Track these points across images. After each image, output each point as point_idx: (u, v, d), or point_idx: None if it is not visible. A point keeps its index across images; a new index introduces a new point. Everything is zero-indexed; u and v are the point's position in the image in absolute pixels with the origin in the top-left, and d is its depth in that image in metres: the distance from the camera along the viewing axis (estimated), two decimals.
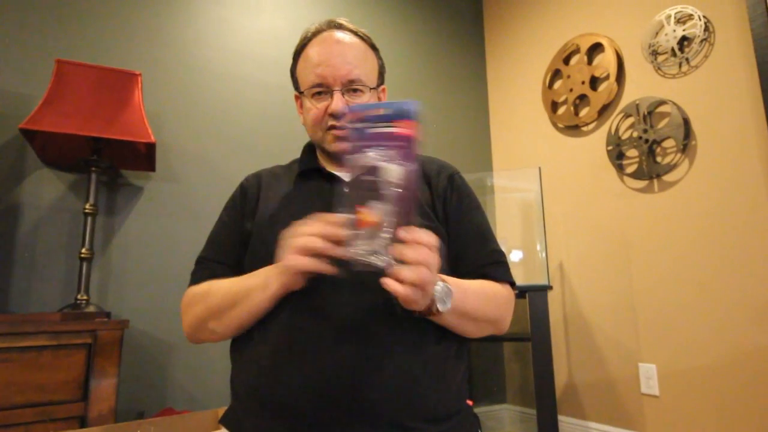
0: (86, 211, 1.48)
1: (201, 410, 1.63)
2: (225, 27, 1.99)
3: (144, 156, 1.64)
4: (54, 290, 1.54)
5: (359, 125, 0.60)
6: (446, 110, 2.53)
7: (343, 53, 0.80)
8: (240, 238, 0.83)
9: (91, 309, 1.46)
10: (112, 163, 1.62)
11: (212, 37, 1.95)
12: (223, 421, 0.76)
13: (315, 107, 0.81)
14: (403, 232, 0.57)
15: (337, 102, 0.79)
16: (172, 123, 1.81)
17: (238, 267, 0.82)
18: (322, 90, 0.81)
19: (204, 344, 1.69)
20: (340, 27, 0.84)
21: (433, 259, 0.59)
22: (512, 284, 0.84)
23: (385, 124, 0.59)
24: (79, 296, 1.45)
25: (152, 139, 1.51)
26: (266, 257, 0.73)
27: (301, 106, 0.88)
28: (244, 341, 0.75)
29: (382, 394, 0.64)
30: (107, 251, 1.64)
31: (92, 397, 1.33)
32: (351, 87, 0.81)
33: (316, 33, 0.84)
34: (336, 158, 0.84)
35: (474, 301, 0.73)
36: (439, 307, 0.64)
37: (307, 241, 0.62)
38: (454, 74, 2.61)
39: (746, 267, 1.57)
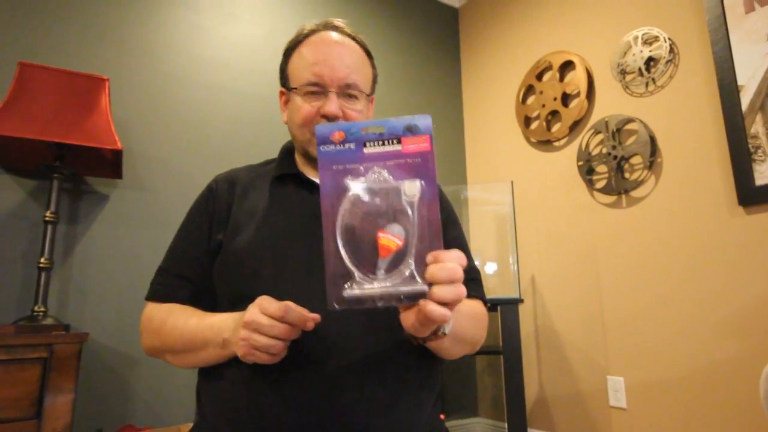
0: (46, 218, 1.43)
1: (163, 427, 1.58)
2: (198, 34, 1.96)
3: (110, 163, 1.59)
4: (9, 301, 1.47)
5: (353, 144, 0.53)
6: None
7: (342, 56, 0.77)
8: (207, 248, 0.77)
9: (49, 321, 1.40)
10: (75, 170, 1.57)
11: (184, 44, 1.92)
12: None
13: (307, 105, 0.77)
14: (432, 256, 0.51)
15: (333, 104, 0.75)
16: (140, 130, 1.77)
17: (200, 280, 0.76)
18: (317, 90, 0.76)
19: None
20: (338, 29, 0.81)
21: (461, 274, 0.52)
22: (485, 302, 0.84)
23: (393, 140, 0.53)
24: (36, 308, 1.39)
25: (119, 145, 1.47)
26: (242, 275, 0.69)
27: (286, 103, 0.84)
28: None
29: (361, 417, 0.62)
30: (68, 261, 1.58)
31: (46, 414, 1.27)
32: (347, 91, 0.77)
33: (314, 31, 0.81)
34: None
35: (466, 323, 0.71)
36: (445, 330, 0.58)
37: (263, 343, 0.57)
38: (430, 88, 2.63)
39: (709, 281, 1.61)
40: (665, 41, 1.79)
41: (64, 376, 1.29)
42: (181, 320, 0.70)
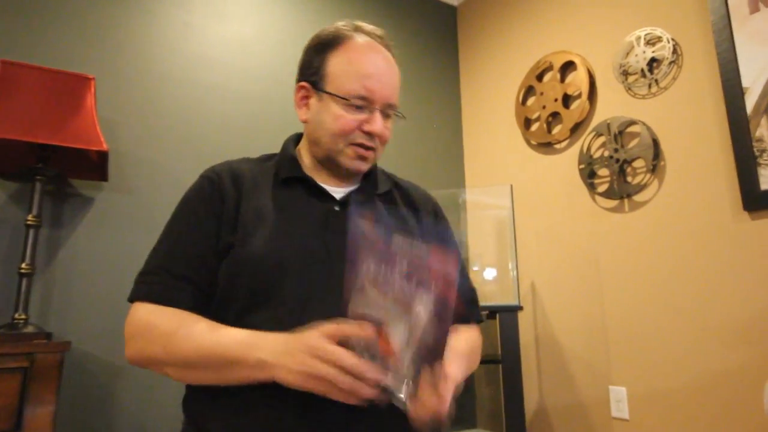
0: (28, 222, 1.38)
1: None
2: (188, 32, 1.91)
3: (95, 164, 1.54)
4: None
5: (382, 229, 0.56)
6: (419, 125, 2.50)
7: (392, 74, 0.78)
8: (215, 248, 0.70)
9: (30, 329, 1.35)
10: (59, 172, 1.52)
11: (174, 42, 1.87)
12: None
13: (350, 117, 0.74)
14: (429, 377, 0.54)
15: (379, 123, 0.75)
16: (127, 131, 1.71)
17: (207, 285, 0.69)
18: (363, 104, 0.75)
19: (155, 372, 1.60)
20: (382, 39, 0.81)
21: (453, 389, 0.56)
22: (481, 321, 0.85)
23: (425, 247, 0.54)
24: (16, 315, 1.34)
25: (104, 146, 1.42)
26: (259, 285, 0.65)
27: (304, 98, 0.79)
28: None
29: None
30: (51, 267, 1.53)
31: (26, 427, 1.23)
32: (387, 111, 0.78)
33: (357, 33, 0.78)
34: (339, 172, 0.79)
35: (467, 368, 0.72)
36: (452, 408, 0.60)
37: (327, 371, 0.54)
38: (428, 89, 2.59)
39: (716, 288, 1.57)
40: (668, 42, 1.75)
41: (46, 387, 1.25)
42: (197, 330, 0.63)
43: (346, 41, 0.77)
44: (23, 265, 1.36)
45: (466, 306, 0.79)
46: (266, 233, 0.70)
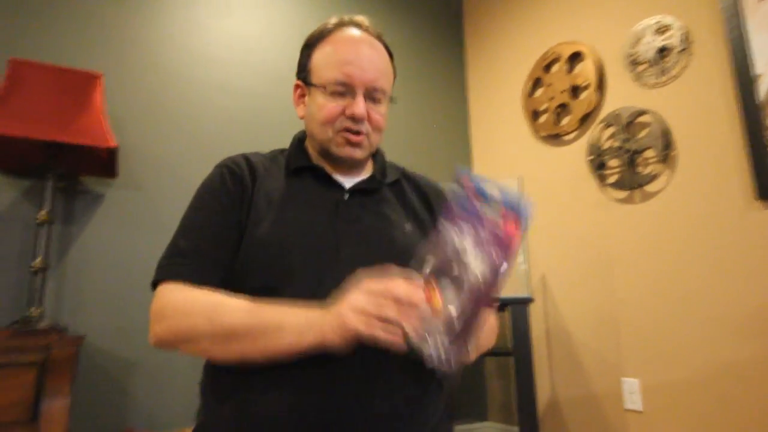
0: (40, 219, 1.39)
1: (163, 431, 1.54)
2: (193, 29, 1.92)
3: (105, 161, 1.55)
4: (4, 304, 1.44)
5: (463, 195, 0.56)
6: (426, 118, 2.50)
7: (372, 58, 0.77)
8: (237, 230, 0.71)
9: (44, 324, 1.36)
10: (69, 169, 1.53)
11: (179, 39, 1.88)
12: None
13: (333, 104, 0.75)
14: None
15: (361, 106, 0.74)
16: (135, 127, 1.72)
17: (229, 268, 0.70)
18: (344, 90, 0.75)
19: (167, 360, 1.61)
20: (364, 28, 0.81)
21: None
22: (497, 305, 0.88)
23: (495, 209, 0.55)
24: (31, 310, 1.36)
25: (113, 143, 1.43)
26: (270, 267, 0.66)
27: (301, 96, 0.82)
28: (232, 380, 0.67)
29: (390, 426, 0.62)
30: (63, 262, 1.54)
31: (42, 420, 1.24)
32: (373, 94, 0.77)
33: (341, 26, 0.79)
34: (337, 161, 0.79)
35: (484, 337, 0.73)
36: (470, 359, 0.61)
37: (377, 306, 0.54)
38: (434, 82, 2.58)
39: (729, 278, 1.55)
40: (678, 30, 1.73)
41: (61, 380, 1.26)
42: (243, 303, 0.64)
43: (329, 35, 0.79)
44: (36, 261, 1.38)
45: None
46: (276, 218, 0.71)
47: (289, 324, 0.60)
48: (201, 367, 0.73)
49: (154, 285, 0.70)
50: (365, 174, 0.82)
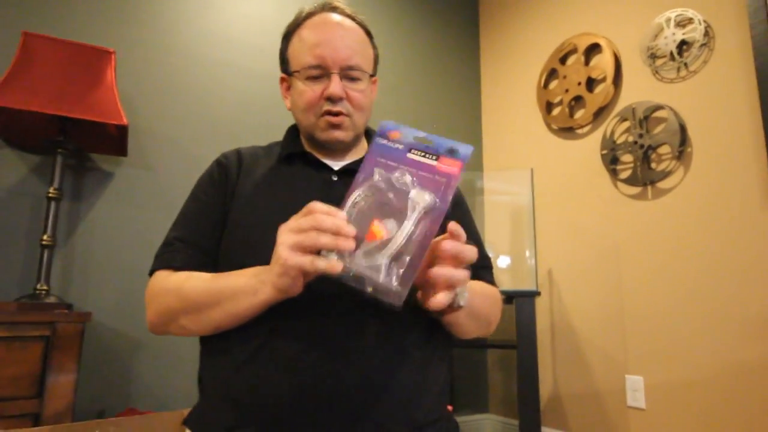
0: (50, 195, 1.39)
1: (165, 411, 1.55)
2: (209, 9, 1.90)
3: (115, 139, 1.54)
4: (11, 278, 1.44)
5: (401, 146, 0.58)
6: (437, 106, 2.47)
7: (343, 37, 0.76)
8: (220, 218, 0.75)
9: (51, 300, 1.37)
10: (80, 146, 1.53)
11: (195, 19, 1.86)
12: (188, 421, 0.69)
13: (310, 89, 0.75)
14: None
15: (336, 85, 0.74)
16: (147, 106, 1.71)
17: (215, 252, 0.74)
18: (319, 73, 0.75)
19: (171, 342, 1.62)
20: (338, 10, 0.79)
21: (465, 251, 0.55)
22: (496, 286, 0.85)
23: (431, 155, 0.58)
24: (38, 286, 1.36)
25: (124, 121, 1.42)
26: (243, 244, 0.67)
27: (288, 89, 0.83)
28: (218, 335, 0.68)
29: (364, 397, 0.60)
30: (71, 239, 1.55)
31: (48, 394, 1.25)
32: (349, 74, 0.76)
33: (312, 14, 0.79)
34: (325, 146, 0.79)
35: (479, 300, 0.72)
36: (461, 302, 0.59)
37: (308, 236, 0.53)
38: (447, 70, 2.55)
39: (739, 278, 1.53)
40: (700, 23, 1.69)
41: (67, 356, 1.27)
42: (204, 276, 0.68)
43: (302, 22, 0.79)
44: (44, 237, 1.38)
45: (479, 270, 0.80)
46: (260, 202, 0.73)
47: (242, 286, 0.62)
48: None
49: (150, 274, 0.75)
50: (357, 156, 0.82)
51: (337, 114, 0.75)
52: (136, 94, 1.69)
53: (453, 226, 0.55)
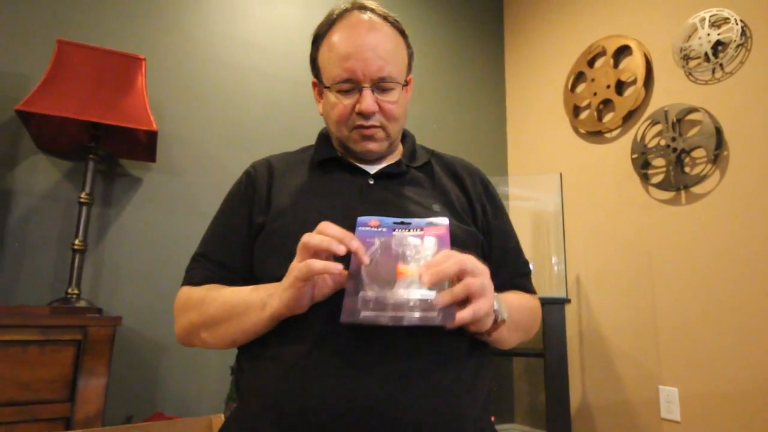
0: (81, 200, 1.41)
1: (192, 417, 1.55)
2: (235, 16, 1.91)
3: (144, 145, 1.56)
4: (43, 283, 1.46)
5: (383, 229, 0.63)
6: (461, 110, 2.45)
7: (375, 46, 0.72)
8: (248, 233, 0.74)
9: (82, 304, 1.38)
10: (110, 152, 1.55)
11: (221, 26, 1.87)
12: (227, 429, 0.67)
13: (341, 103, 0.74)
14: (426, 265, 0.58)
15: (368, 101, 0.72)
16: (175, 112, 1.73)
17: (242, 268, 0.73)
18: (350, 87, 0.73)
19: (198, 348, 1.63)
20: (368, 10, 0.76)
21: (479, 264, 0.58)
22: (534, 293, 0.85)
23: (415, 230, 0.63)
24: (69, 290, 1.38)
25: (154, 127, 1.44)
26: (288, 253, 0.66)
27: (319, 94, 0.81)
28: (260, 341, 0.68)
29: (415, 411, 0.58)
30: (101, 244, 1.56)
31: (79, 398, 1.25)
32: (381, 85, 0.73)
33: (343, 14, 0.75)
34: (360, 156, 0.78)
35: (518, 313, 0.72)
36: (504, 315, 0.61)
37: (323, 239, 0.56)
38: (471, 74, 2.52)
39: None
40: (736, 23, 1.64)
41: (98, 360, 1.27)
42: (225, 290, 0.69)
43: (332, 26, 0.76)
44: (76, 242, 1.39)
45: (518, 278, 0.81)
46: (295, 210, 0.72)
47: (253, 301, 0.63)
48: (229, 355, 0.76)
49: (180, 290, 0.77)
50: (393, 160, 0.81)
51: (369, 127, 0.74)
52: (164, 101, 1.71)
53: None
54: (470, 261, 0.57)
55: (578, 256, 2.10)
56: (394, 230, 0.63)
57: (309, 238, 0.57)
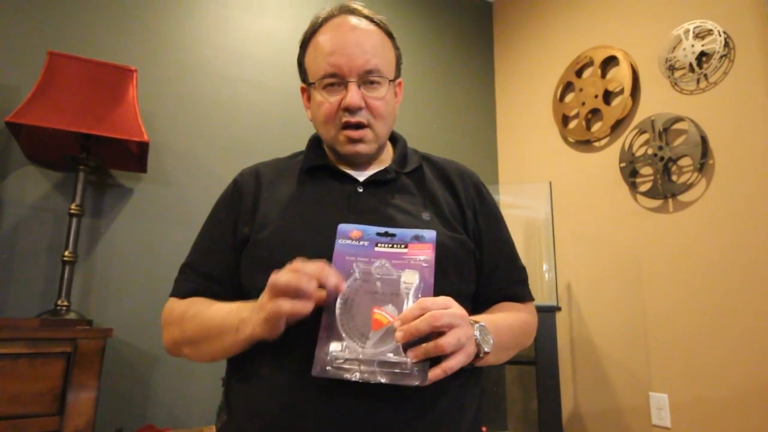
0: (71, 211, 1.41)
1: (183, 428, 1.54)
2: (226, 26, 1.92)
3: (135, 156, 1.56)
4: (33, 294, 1.45)
5: (366, 242, 0.61)
6: (451, 118, 2.47)
7: (360, 41, 0.72)
8: (233, 243, 0.74)
9: (72, 316, 1.37)
10: (101, 163, 1.54)
11: (212, 36, 1.88)
12: None
13: (327, 101, 0.73)
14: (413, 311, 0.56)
15: (353, 95, 0.70)
16: (166, 123, 1.73)
17: (228, 279, 0.73)
18: (336, 82, 0.72)
19: (189, 360, 1.62)
20: (354, 12, 0.76)
21: (455, 314, 0.56)
22: (532, 300, 0.83)
23: (401, 245, 0.61)
24: (59, 302, 1.37)
25: (145, 137, 1.44)
26: (274, 265, 0.65)
27: (308, 99, 0.80)
28: (248, 356, 0.67)
29: (404, 429, 0.59)
30: (91, 255, 1.56)
31: (69, 411, 1.24)
32: (368, 78, 0.72)
33: (328, 18, 0.76)
34: (348, 159, 0.77)
35: (506, 334, 0.70)
36: (485, 349, 0.60)
37: (291, 278, 0.54)
38: (461, 83, 2.55)
39: (765, 293, 1.49)
40: (720, 35, 1.67)
41: (88, 373, 1.26)
42: (202, 308, 0.68)
43: (317, 29, 0.76)
44: (66, 253, 1.39)
45: (512, 287, 0.79)
46: (281, 219, 0.71)
47: (227, 324, 0.63)
48: (220, 366, 0.76)
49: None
50: (383, 165, 0.79)
51: (357, 126, 0.72)
52: (156, 112, 1.72)
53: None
54: (446, 316, 0.55)
55: (568, 263, 2.12)
56: (376, 244, 0.61)
57: (277, 278, 0.55)
